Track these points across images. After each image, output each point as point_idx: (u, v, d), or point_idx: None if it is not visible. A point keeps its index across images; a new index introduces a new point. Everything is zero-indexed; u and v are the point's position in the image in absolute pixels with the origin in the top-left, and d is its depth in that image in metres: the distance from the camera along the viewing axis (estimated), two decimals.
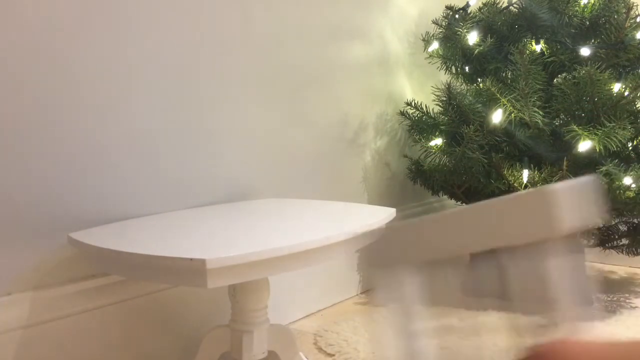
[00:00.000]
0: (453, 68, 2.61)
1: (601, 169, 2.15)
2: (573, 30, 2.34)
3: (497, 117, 2.24)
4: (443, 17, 2.61)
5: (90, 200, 1.57)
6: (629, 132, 2.14)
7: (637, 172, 2.13)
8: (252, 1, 1.99)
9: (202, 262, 1.15)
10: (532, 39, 2.36)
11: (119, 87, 1.63)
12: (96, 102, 1.57)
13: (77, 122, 1.53)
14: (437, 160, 2.47)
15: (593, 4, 2.31)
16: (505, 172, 2.22)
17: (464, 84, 2.61)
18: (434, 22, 2.63)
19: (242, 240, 1.34)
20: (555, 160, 2.22)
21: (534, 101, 2.17)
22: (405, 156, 2.76)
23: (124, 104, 1.64)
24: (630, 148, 2.35)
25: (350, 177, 2.51)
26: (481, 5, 2.57)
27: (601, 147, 2.09)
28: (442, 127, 2.49)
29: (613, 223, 2.47)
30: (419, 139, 2.56)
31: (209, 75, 1.87)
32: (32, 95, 1.44)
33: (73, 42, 1.51)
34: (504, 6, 2.49)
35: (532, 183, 2.16)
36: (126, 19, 1.63)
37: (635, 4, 2.28)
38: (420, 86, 2.91)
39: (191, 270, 1.17)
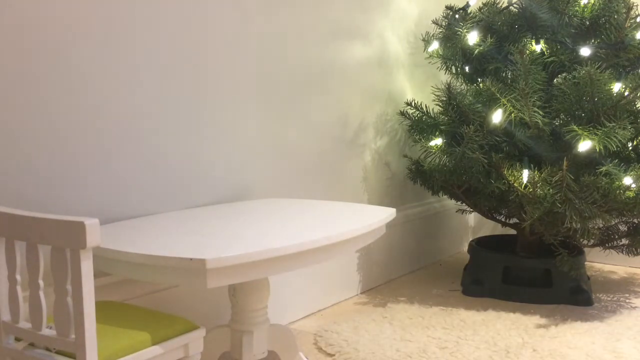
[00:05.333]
0: (453, 68, 2.61)
1: (601, 169, 2.15)
2: (573, 30, 2.34)
3: (497, 117, 2.24)
4: (443, 17, 2.61)
5: (90, 201, 1.57)
6: (629, 132, 2.14)
7: (637, 172, 2.13)
8: (252, 2, 1.99)
9: (202, 262, 1.15)
10: (532, 39, 2.36)
11: (119, 88, 1.63)
12: (97, 103, 1.57)
13: (77, 123, 1.53)
14: (437, 160, 2.47)
15: (593, 4, 2.31)
16: (505, 172, 2.22)
17: (464, 84, 2.61)
18: (434, 22, 2.63)
19: (242, 240, 1.34)
20: (555, 160, 2.22)
21: (534, 101, 2.17)
22: (405, 156, 2.76)
23: (125, 104, 1.64)
24: (630, 148, 2.35)
25: (350, 177, 2.51)
26: (481, 5, 2.56)
27: (601, 147, 2.09)
28: (442, 127, 2.49)
29: (613, 223, 2.47)
30: (419, 139, 2.56)
31: (209, 76, 1.87)
32: (33, 95, 1.44)
33: (76, 43, 1.51)
34: (504, 6, 2.49)
35: (532, 183, 2.16)
36: (128, 20, 1.63)
37: (635, 4, 2.28)
38: (420, 86, 2.91)
39: (191, 270, 1.18)
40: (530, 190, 2.16)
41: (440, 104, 2.53)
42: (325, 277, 2.37)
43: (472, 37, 2.43)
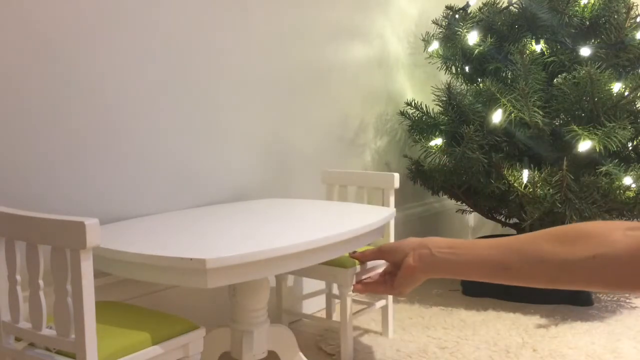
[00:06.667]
0: (453, 68, 2.61)
1: (601, 169, 2.15)
2: (573, 30, 2.34)
3: (497, 117, 2.24)
4: (443, 17, 2.61)
5: (91, 200, 1.57)
6: (629, 132, 2.14)
7: (637, 172, 2.13)
8: (252, 2, 1.99)
9: (202, 262, 1.15)
10: (532, 39, 2.35)
11: (120, 88, 1.63)
12: (97, 103, 1.57)
13: (77, 124, 1.53)
14: (437, 160, 2.47)
15: (593, 4, 2.31)
16: (505, 172, 2.22)
17: (464, 84, 2.61)
18: (434, 22, 2.63)
19: (242, 240, 1.34)
20: (555, 160, 2.22)
21: (534, 101, 2.17)
22: (405, 156, 2.76)
23: (126, 105, 1.64)
24: (630, 148, 2.35)
25: None
26: (481, 5, 2.56)
27: (601, 147, 2.09)
28: (442, 127, 2.49)
29: None
30: (419, 139, 2.56)
31: (209, 76, 1.87)
32: (34, 96, 1.44)
33: (78, 43, 1.51)
34: (504, 6, 2.49)
35: (532, 183, 2.16)
36: (132, 22, 1.63)
37: (635, 4, 2.28)
38: (420, 86, 2.91)
39: (191, 270, 1.17)
40: (530, 190, 2.16)
41: (440, 104, 2.53)
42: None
43: (472, 37, 2.43)
